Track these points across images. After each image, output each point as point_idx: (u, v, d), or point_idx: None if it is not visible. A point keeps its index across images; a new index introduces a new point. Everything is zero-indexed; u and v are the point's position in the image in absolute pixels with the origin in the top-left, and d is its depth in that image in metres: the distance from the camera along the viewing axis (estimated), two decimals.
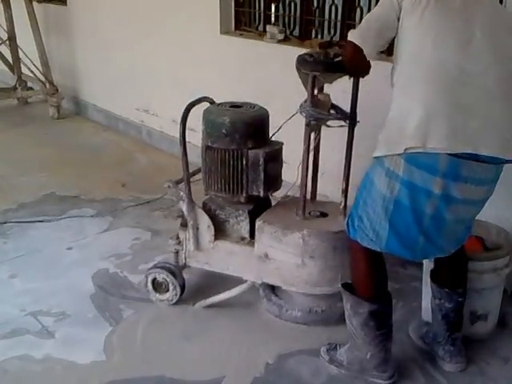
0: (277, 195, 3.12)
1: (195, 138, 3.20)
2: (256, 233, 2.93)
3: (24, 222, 4.01)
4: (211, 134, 2.94)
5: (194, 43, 4.79)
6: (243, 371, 2.66)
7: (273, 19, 4.43)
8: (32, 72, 6.57)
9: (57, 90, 6.47)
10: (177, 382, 2.61)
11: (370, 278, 2.47)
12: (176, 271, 3.11)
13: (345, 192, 2.93)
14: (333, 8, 3.92)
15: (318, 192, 3.13)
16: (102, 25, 5.90)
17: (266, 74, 4.09)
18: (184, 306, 3.12)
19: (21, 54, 6.64)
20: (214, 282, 3.18)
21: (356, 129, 2.80)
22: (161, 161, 5.15)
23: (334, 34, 3.93)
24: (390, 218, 2.25)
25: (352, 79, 2.69)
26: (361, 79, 2.68)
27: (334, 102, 2.77)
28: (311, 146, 2.84)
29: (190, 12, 4.74)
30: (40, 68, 6.49)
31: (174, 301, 3.11)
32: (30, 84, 6.87)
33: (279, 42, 4.12)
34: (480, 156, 2.13)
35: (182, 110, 2.88)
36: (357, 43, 2.24)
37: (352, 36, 2.27)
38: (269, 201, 3.17)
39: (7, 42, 6.71)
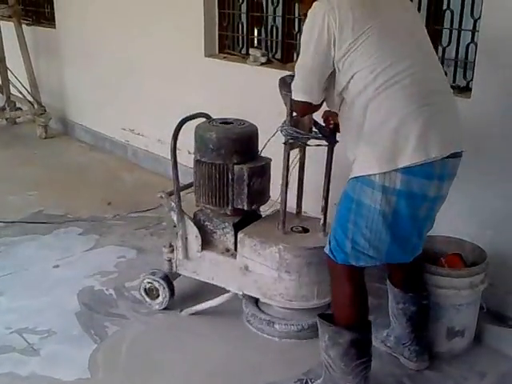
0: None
1: (180, 156, 3.26)
2: (238, 245, 2.99)
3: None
4: (200, 148, 3.03)
5: (179, 65, 4.87)
6: None
7: (255, 43, 4.53)
8: (21, 93, 6.63)
9: (45, 111, 6.52)
10: None
11: (353, 305, 2.41)
12: (166, 278, 3.21)
13: (324, 210, 2.98)
14: None
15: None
16: (89, 47, 5.97)
17: (250, 96, 4.16)
18: (170, 321, 3.16)
19: (10, 76, 6.68)
20: (207, 289, 3.21)
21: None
22: (146, 179, 5.20)
23: None
24: (392, 230, 2.25)
25: None
26: None
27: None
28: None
29: (175, 35, 4.82)
30: (29, 89, 6.56)
31: (164, 306, 3.23)
32: (18, 104, 6.91)
33: (262, 64, 4.20)
34: (458, 152, 2.27)
35: (176, 124, 2.97)
36: (306, 100, 2.36)
37: (298, 95, 2.38)
38: (257, 214, 3.23)
39: None
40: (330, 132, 2.79)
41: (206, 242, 3.15)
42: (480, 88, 2.99)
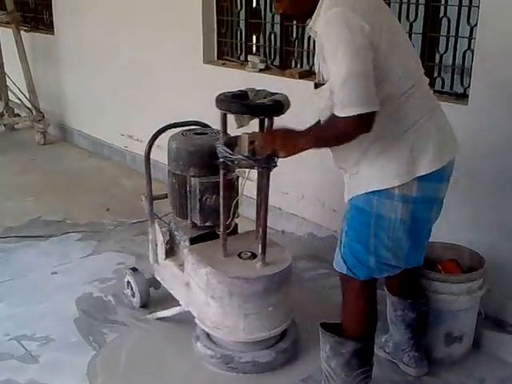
0: None
1: None
2: (184, 260, 2.92)
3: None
4: (167, 157, 3.04)
5: (178, 72, 4.88)
6: None
7: (254, 49, 4.53)
8: (19, 99, 6.64)
9: (43, 117, 6.53)
10: None
11: (365, 316, 2.41)
12: (133, 268, 3.32)
13: (263, 238, 2.72)
14: (311, 39, 3.94)
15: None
16: (88, 54, 5.99)
17: None
18: (168, 328, 3.15)
19: (8, 82, 6.69)
20: None
21: None
22: (145, 185, 5.18)
23: (313, 63, 4.00)
24: (410, 234, 2.26)
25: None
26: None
27: None
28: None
29: (174, 42, 4.84)
30: (27, 95, 6.57)
31: (139, 295, 3.26)
32: (17, 111, 6.91)
33: (261, 71, 4.21)
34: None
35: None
36: (371, 110, 2.01)
37: (360, 108, 1.99)
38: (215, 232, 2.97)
39: None
40: (268, 156, 2.53)
41: (173, 252, 3.11)
42: (477, 95, 2.99)
